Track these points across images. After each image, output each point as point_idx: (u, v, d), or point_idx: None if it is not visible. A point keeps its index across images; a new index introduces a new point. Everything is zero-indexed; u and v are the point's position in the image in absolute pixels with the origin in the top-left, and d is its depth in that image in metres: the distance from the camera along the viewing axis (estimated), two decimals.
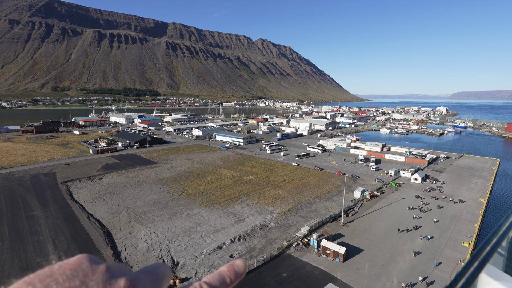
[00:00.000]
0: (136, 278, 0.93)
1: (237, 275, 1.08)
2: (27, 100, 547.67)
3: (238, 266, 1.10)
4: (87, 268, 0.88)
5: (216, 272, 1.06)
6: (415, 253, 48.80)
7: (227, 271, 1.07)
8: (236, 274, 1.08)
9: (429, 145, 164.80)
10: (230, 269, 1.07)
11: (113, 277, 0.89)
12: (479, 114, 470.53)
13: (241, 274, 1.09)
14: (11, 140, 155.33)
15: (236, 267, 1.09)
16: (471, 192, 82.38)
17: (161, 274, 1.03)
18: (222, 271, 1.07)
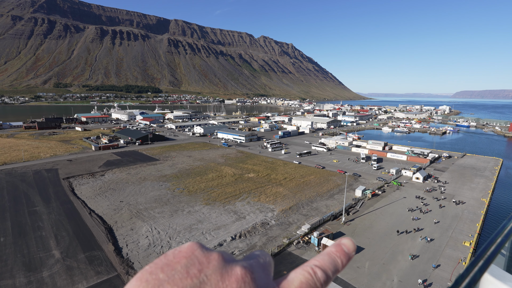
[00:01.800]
0: (250, 265, 0.93)
1: (348, 256, 1.00)
2: (29, 96, 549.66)
3: (347, 245, 1.01)
4: (201, 256, 0.88)
5: (324, 253, 0.99)
6: (412, 256, 47.55)
7: (336, 252, 1.00)
8: (346, 255, 1.00)
9: (431, 144, 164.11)
10: (339, 249, 1.00)
11: (228, 265, 0.88)
12: (482, 113, 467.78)
13: (351, 255, 1.01)
14: (13, 136, 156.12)
15: (345, 247, 1.01)
16: (473, 191, 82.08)
17: (268, 261, 1.03)
18: (331, 252, 1.00)
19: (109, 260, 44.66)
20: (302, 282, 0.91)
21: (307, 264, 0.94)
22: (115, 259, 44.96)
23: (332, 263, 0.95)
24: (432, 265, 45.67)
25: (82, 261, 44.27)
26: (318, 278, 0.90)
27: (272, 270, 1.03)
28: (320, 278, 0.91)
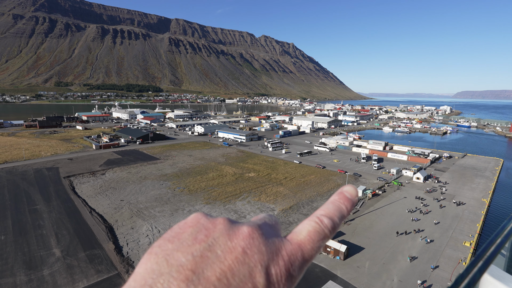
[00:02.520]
0: (256, 224, 0.92)
1: (351, 202, 1.02)
2: (30, 95, 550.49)
3: (349, 192, 1.04)
4: (207, 222, 0.89)
5: (328, 202, 1.01)
6: (411, 258, 47.06)
7: (339, 199, 1.01)
8: (350, 201, 1.01)
9: (432, 144, 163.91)
10: (342, 196, 1.02)
11: (234, 226, 0.88)
12: (483, 114, 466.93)
13: (354, 200, 1.03)
14: (14, 135, 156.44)
15: (348, 194, 1.03)
16: (474, 192, 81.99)
17: (275, 220, 1.02)
18: (334, 200, 1.01)
19: (110, 259, 44.76)
20: (310, 231, 0.91)
21: (313, 214, 0.95)
22: (116, 257, 45.06)
23: (337, 210, 0.98)
24: (430, 266, 45.41)
25: (82, 260, 44.38)
26: (325, 225, 0.93)
27: (280, 229, 1.00)
28: (327, 225, 0.93)
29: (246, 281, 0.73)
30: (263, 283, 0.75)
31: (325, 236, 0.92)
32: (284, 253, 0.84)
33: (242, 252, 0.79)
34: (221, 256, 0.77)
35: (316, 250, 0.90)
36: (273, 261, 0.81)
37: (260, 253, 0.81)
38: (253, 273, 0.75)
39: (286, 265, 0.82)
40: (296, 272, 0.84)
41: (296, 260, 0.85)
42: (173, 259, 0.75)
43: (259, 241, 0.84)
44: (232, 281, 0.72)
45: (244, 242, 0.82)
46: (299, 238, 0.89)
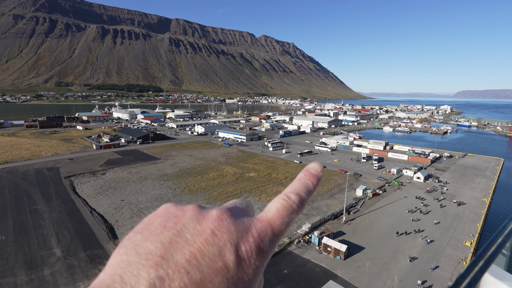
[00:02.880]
0: (226, 207, 0.95)
1: (317, 177, 1.07)
2: (31, 95, 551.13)
3: (314, 168, 1.09)
4: (176, 210, 0.91)
5: (295, 180, 1.05)
6: (410, 258, 46.79)
7: (305, 176, 1.05)
8: (315, 177, 1.06)
9: (432, 144, 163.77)
10: (308, 173, 1.06)
11: (204, 211, 0.91)
12: (483, 113, 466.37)
13: (320, 176, 1.08)
14: (15, 135, 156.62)
15: (313, 170, 1.08)
16: (474, 191, 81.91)
17: (246, 204, 1.04)
18: (301, 177, 1.05)
19: None
20: (279, 208, 0.95)
21: (281, 193, 0.99)
22: None
23: (304, 186, 1.02)
24: (430, 267, 45.19)
25: (83, 260, 44.43)
26: (293, 201, 0.97)
27: (252, 211, 1.02)
28: (295, 201, 0.97)
29: (216, 259, 0.75)
30: (233, 260, 0.77)
31: (293, 210, 0.95)
32: (253, 231, 0.86)
33: (211, 233, 0.81)
34: (190, 240, 0.78)
35: (285, 225, 0.93)
36: (243, 238, 0.83)
37: (229, 232, 0.83)
38: (222, 252, 0.77)
39: (256, 241, 0.84)
40: (267, 247, 0.86)
41: (266, 236, 0.87)
42: (142, 248, 0.75)
43: (228, 222, 0.85)
44: (202, 261, 0.74)
45: (213, 225, 0.84)
46: (268, 216, 0.93)
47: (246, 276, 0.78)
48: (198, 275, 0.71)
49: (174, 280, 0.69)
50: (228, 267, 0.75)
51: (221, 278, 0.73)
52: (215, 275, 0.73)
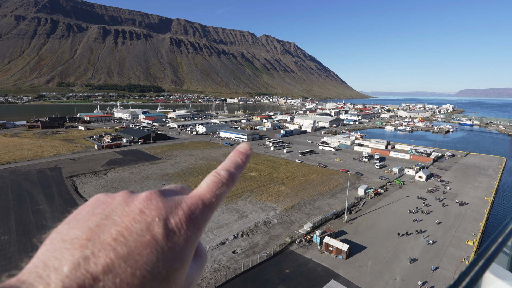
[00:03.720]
0: (156, 189, 0.96)
1: (245, 154, 1.16)
2: (33, 95, 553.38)
3: (243, 147, 1.19)
4: (106, 198, 0.92)
5: (226, 159, 1.14)
6: (411, 260, 46.07)
7: (234, 154, 1.16)
8: (243, 154, 1.16)
9: (434, 142, 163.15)
10: (236, 152, 1.16)
11: (133, 194, 0.93)
12: (486, 112, 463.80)
13: (248, 153, 1.18)
14: (17, 135, 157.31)
15: (242, 149, 1.18)
16: (477, 190, 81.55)
17: (180, 187, 1.09)
18: (230, 156, 1.16)
19: None
20: (209, 183, 1.01)
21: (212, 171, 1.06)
22: None
23: (233, 162, 1.11)
24: (431, 268, 44.59)
25: None
26: (222, 176, 1.03)
27: (188, 193, 1.04)
28: (224, 176, 1.04)
29: (143, 234, 0.78)
30: (162, 232, 0.80)
31: (223, 184, 1.02)
32: (184, 205, 0.91)
33: (139, 212, 0.84)
34: (118, 221, 0.81)
35: (216, 198, 0.99)
36: (172, 213, 0.87)
37: (157, 209, 0.86)
38: (151, 226, 0.81)
39: (186, 213, 0.89)
40: (198, 218, 0.91)
41: (197, 208, 0.92)
42: (68, 236, 0.76)
43: (157, 201, 0.89)
44: (129, 237, 0.76)
45: (142, 204, 0.87)
46: (199, 191, 0.99)
47: (178, 246, 0.81)
48: (126, 250, 0.73)
49: (100, 257, 0.70)
50: (157, 239, 0.79)
51: (150, 250, 0.76)
52: (144, 247, 0.76)
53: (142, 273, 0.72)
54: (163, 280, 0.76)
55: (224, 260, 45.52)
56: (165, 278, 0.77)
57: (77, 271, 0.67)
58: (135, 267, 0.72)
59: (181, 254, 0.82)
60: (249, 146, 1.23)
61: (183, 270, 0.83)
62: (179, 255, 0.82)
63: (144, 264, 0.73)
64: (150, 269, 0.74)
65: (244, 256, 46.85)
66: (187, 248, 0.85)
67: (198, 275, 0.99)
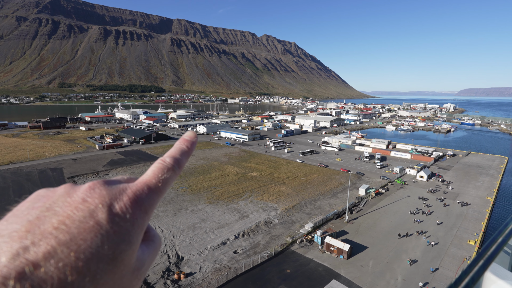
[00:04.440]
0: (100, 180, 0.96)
1: (190, 142, 1.22)
2: (34, 96, 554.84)
3: (188, 135, 1.26)
4: (47, 192, 0.92)
5: (172, 147, 1.20)
6: (410, 261, 45.51)
7: (179, 142, 1.22)
8: (189, 141, 1.22)
9: (435, 142, 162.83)
10: (182, 140, 1.22)
11: (76, 186, 0.93)
12: (487, 111, 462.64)
13: (194, 141, 1.24)
14: (19, 136, 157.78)
15: (187, 136, 1.24)
16: (478, 190, 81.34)
17: (128, 177, 1.08)
18: (176, 144, 1.22)
19: None
20: (154, 170, 1.05)
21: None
22: None
23: (178, 149, 1.17)
24: (430, 269, 44.13)
25: None
26: (168, 162, 1.09)
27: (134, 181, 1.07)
28: (170, 162, 1.10)
29: (86, 220, 0.79)
30: (105, 217, 0.82)
31: (168, 169, 1.08)
32: (129, 191, 0.93)
33: (82, 201, 0.85)
34: (59, 211, 0.81)
35: (163, 182, 1.03)
36: (116, 199, 0.89)
37: (101, 197, 0.87)
38: (94, 213, 0.82)
39: (131, 198, 0.91)
40: (145, 202, 0.94)
41: (143, 193, 0.96)
42: (6, 230, 0.76)
43: (100, 189, 0.90)
44: (71, 225, 0.77)
45: (84, 194, 0.87)
46: (144, 178, 1.03)
47: (123, 229, 0.84)
48: (68, 236, 0.75)
49: (40, 246, 0.71)
50: (101, 224, 0.80)
51: (94, 234, 0.77)
52: (87, 233, 0.77)
53: (87, 256, 0.74)
54: (110, 261, 0.78)
55: (225, 260, 45.55)
56: (112, 259, 0.78)
57: (15, 260, 0.68)
58: (78, 251, 0.73)
59: (128, 237, 0.84)
60: (194, 134, 1.28)
61: (131, 251, 0.85)
62: (126, 238, 0.84)
63: (89, 248, 0.75)
64: (95, 252, 0.75)
65: (245, 256, 46.87)
66: (134, 231, 0.87)
67: (151, 258, 1.01)
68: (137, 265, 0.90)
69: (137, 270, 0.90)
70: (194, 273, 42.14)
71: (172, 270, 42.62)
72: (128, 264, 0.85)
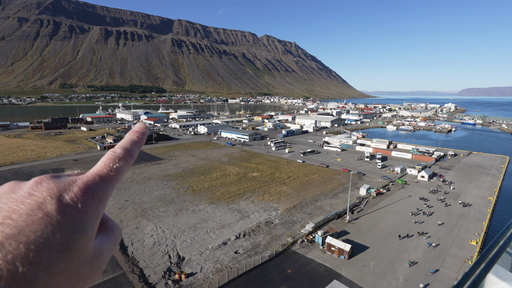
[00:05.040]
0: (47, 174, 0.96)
1: (140, 132, 1.24)
2: (36, 97, 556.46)
3: (138, 126, 1.28)
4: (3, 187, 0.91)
5: (122, 139, 1.21)
6: (410, 263, 44.95)
7: (129, 133, 1.23)
8: (138, 132, 1.24)
9: (436, 142, 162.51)
10: (131, 131, 1.24)
11: (22, 182, 0.93)
12: (488, 111, 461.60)
13: (144, 131, 1.26)
14: (21, 136, 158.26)
15: (137, 127, 1.27)
16: (480, 190, 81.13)
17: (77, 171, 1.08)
18: (126, 135, 1.23)
19: (115, 259, 45.13)
20: (105, 161, 1.05)
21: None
22: (121, 257, 45.43)
23: (128, 140, 1.18)
24: (430, 270, 43.77)
25: None
26: (118, 153, 1.10)
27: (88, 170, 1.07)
28: (120, 152, 1.11)
29: (35, 213, 0.79)
30: (55, 208, 0.82)
31: (119, 158, 1.09)
32: (79, 182, 0.94)
33: (28, 195, 0.85)
34: (3, 208, 0.80)
35: (115, 171, 1.04)
36: (66, 190, 0.89)
37: (48, 189, 0.87)
38: (42, 205, 0.82)
39: (81, 188, 0.91)
40: (97, 191, 0.95)
41: (95, 183, 0.96)
42: None
43: (48, 183, 0.90)
44: (18, 218, 0.77)
45: (30, 189, 0.87)
46: (95, 169, 1.02)
47: (76, 218, 0.84)
48: (15, 230, 0.75)
49: None
50: (51, 215, 0.80)
51: (44, 225, 0.78)
52: (36, 224, 0.77)
53: (38, 247, 0.74)
54: (64, 250, 0.78)
55: (226, 260, 45.58)
56: (66, 248, 0.79)
57: None
58: (28, 242, 0.73)
59: (82, 225, 0.85)
60: (144, 125, 1.31)
61: (85, 239, 0.86)
62: (79, 226, 0.84)
63: (39, 239, 0.75)
64: (47, 242, 0.75)
65: (246, 256, 46.89)
66: (87, 219, 0.87)
67: (111, 247, 1.04)
68: (96, 253, 0.91)
69: (95, 258, 0.90)
70: (195, 273, 42.19)
71: (173, 270, 42.68)
72: (84, 252, 0.85)
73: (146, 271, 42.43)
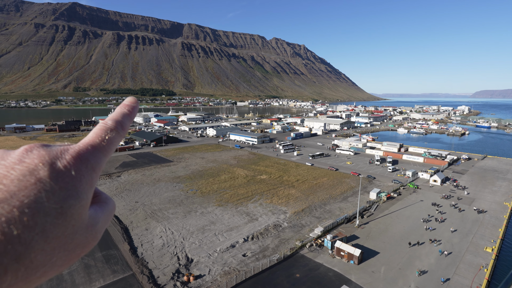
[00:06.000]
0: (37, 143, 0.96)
1: (130, 106, 1.28)
2: (51, 100, 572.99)
3: (128, 100, 1.31)
4: None
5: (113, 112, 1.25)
6: (419, 272, 43.24)
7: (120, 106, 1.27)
8: (128, 105, 1.27)
9: (449, 145, 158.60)
10: (122, 104, 1.27)
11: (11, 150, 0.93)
12: (504, 114, 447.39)
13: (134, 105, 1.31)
14: (36, 138, 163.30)
15: (126, 101, 1.30)
16: (495, 195, 78.61)
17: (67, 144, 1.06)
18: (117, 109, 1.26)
19: (125, 259, 45.78)
20: (96, 131, 1.07)
21: None
22: (131, 258, 46.04)
23: (119, 112, 1.21)
24: (440, 279, 41.97)
25: (99, 260, 45.60)
26: (109, 124, 1.12)
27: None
28: (111, 123, 1.13)
29: (27, 178, 0.80)
30: (48, 174, 0.83)
31: (111, 129, 1.11)
32: (71, 151, 0.95)
33: (18, 162, 0.85)
34: None
35: (107, 142, 1.07)
36: (58, 158, 0.89)
37: (40, 157, 0.88)
38: (34, 171, 0.83)
39: (74, 156, 0.93)
40: (90, 160, 0.96)
41: (87, 151, 0.98)
42: None
43: (39, 150, 0.90)
44: (10, 183, 0.78)
45: (20, 156, 0.88)
46: (87, 140, 1.05)
47: (70, 184, 0.85)
48: (7, 194, 0.76)
49: None
50: (43, 181, 0.81)
51: (37, 190, 0.79)
52: (30, 189, 0.78)
53: (32, 210, 0.75)
54: (59, 215, 0.79)
55: (234, 263, 45.57)
56: (61, 214, 0.80)
57: None
58: (21, 206, 0.75)
59: (76, 192, 0.86)
60: (134, 99, 1.36)
61: (80, 206, 0.86)
62: (73, 193, 0.85)
63: (33, 203, 0.76)
64: (41, 207, 0.77)
65: (254, 259, 46.77)
66: (81, 187, 0.88)
67: (106, 218, 1.05)
68: (91, 222, 0.93)
69: (91, 227, 0.92)
70: (203, 276, 42.34)
71: (182, 272, 42.96)
72: (79, 219, 0.86)
73: (155, 272, 42.86)
